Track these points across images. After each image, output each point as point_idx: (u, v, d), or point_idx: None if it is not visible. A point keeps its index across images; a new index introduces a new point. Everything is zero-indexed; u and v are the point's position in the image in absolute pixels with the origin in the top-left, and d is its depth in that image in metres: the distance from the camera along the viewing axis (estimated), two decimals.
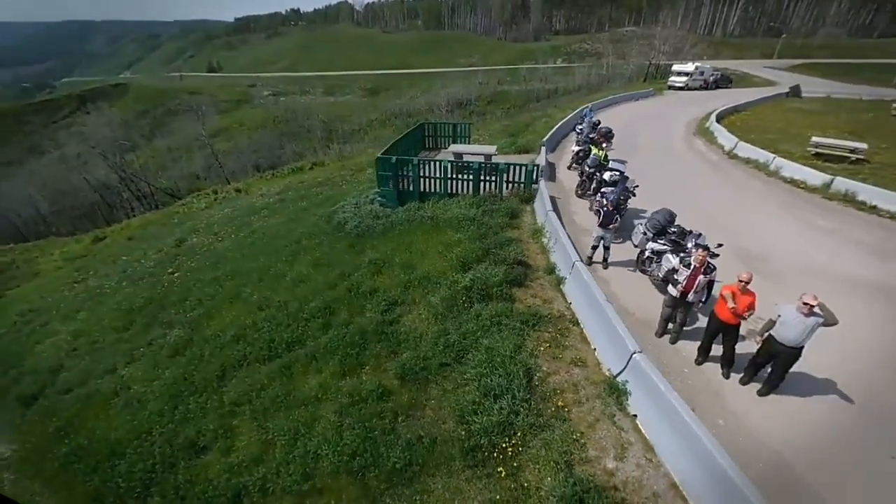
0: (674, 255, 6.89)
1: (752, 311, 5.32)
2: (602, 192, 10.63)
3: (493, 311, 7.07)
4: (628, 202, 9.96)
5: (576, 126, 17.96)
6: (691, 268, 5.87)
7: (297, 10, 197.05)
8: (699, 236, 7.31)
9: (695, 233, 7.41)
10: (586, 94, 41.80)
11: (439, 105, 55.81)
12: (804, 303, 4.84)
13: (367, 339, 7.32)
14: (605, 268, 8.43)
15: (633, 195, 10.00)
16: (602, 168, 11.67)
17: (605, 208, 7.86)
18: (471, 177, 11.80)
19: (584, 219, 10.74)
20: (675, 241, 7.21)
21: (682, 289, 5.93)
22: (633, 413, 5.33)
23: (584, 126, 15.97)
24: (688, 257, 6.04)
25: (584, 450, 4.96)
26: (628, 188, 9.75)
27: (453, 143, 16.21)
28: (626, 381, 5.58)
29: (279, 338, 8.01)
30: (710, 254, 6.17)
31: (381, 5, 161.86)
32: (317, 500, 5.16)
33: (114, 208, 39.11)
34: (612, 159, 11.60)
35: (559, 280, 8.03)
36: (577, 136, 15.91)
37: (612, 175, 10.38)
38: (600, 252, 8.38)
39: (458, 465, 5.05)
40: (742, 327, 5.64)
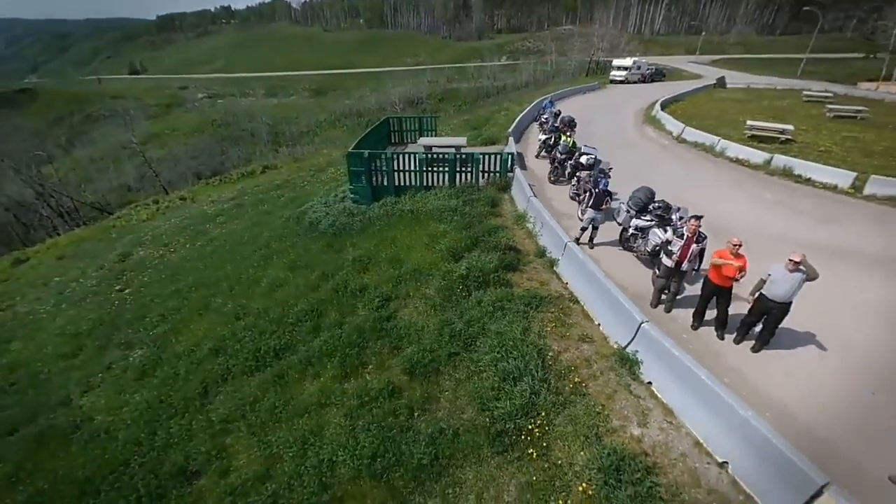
0: (661, 229, 7.21)
1: (744, 273, 5.68)
2: (578, 177, 10.94)
3: (493, 297, 7.03)
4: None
5: (539, 116, 18.37)
6: (684, 238, 6.15)
7: (229, 7, 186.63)
8: (679, 210, 7.71)
9: (675, 207, 7.80)
10: (535, 90, 42.91)
11: (392, 104, 55.08)
12: (790, 260, 5.28)
13: (366, 338, 7.02)
14: (591, 248, 8.66)
15: (609, 177, 10.34)
16: (572, 154, 12.04)
17: (595, 190, 8.05)
18: (447, 168, 11.69)
19: (561, 203, 10.99)
20: (660, 216, 7.54)
21: (677, 258, 6.20)
22: (647, 381, 5.49)
23: (547, 116, 16.38)
24: (680, 229, 6.33)
25: (608, 421, 5.03)
26: (604, 170, 10.09)
27: (420, 136, 15.99)
28: (635, 350, 5.74)
29: (265, 346, 7.48)
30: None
31: (321, 3, 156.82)
32: None
33: (31, 227, 34.50)
34: (583, 145, 11.97)
35: (552, 262, 8.14)
36: (542, 126, 16.28)
37: (589, 158, 10.70)
38: (587, 234, 8.60)
39: (486, 452, 4.93)
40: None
